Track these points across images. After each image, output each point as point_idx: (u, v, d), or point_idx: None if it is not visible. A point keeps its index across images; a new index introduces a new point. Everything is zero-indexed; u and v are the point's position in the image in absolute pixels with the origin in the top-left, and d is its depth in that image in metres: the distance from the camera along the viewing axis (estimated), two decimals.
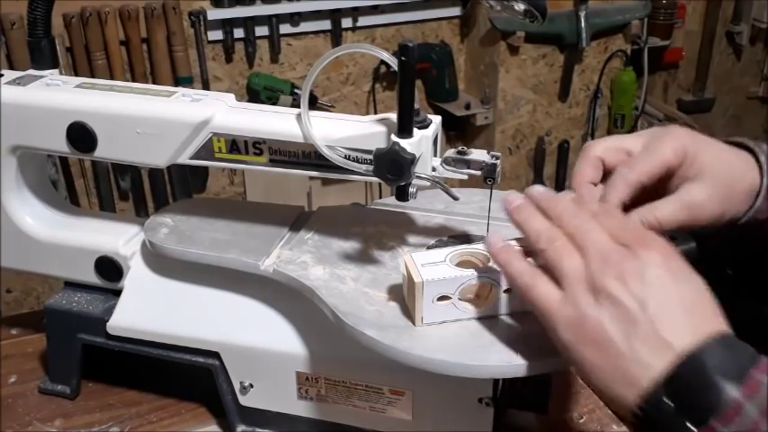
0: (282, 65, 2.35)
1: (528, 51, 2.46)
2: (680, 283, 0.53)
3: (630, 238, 0.55)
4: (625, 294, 0.52)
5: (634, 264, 0.53)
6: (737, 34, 2.89)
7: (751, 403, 0.48)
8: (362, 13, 2.36)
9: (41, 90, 0.77)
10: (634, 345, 0.51)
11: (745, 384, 0.49)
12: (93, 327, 0.82)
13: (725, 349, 0.50)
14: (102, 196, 2.20)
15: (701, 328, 0.51)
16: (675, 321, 0.51)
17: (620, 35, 2.56)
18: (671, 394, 0.50)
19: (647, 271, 0.53)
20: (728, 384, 0.49)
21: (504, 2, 0.70)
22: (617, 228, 0.57)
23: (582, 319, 0.53)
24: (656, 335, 0.51)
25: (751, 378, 0.49)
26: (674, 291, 0.52)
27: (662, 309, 0.52)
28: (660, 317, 0.51)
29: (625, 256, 0.54)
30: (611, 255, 0.54)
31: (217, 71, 2.28)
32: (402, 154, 0.64)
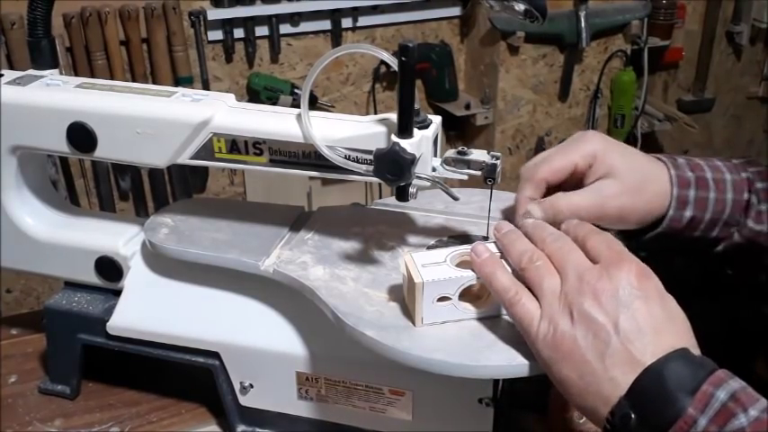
0: (282, 65, 2.35)
1: (528, 51, 2.46)
2: (651, 302, 0.55)
3: (606, 258, 0.58)
4: (599, 312, 0.55)
5: (608, 283, 0.55)
6: (737, 34, 2.89)
7: (703, 416, 0.50)
8: (362, 13, 2.36)
9: (41, 90, 0.77)
10: (606, 362, 0.54)
11: (697, 397, 0.50)
12: (93, 327, 0.82)
13: (685, 364, 0.52)
14: (103, 196, 2.20)
15: (668, 345, 0.53)
16: (645, 340, 0.54)
17: (620, 35, 2.56)
18: (634, 407, 0.52)
19: (621, 290, 0.55)
20: (682, 396, 0.51)
21: (504, 2, 0.70)
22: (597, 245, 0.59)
23: (559, 336, 0.56)
24: (627, 353, 0.53)
25: (703, 392, 0.50)
26: (644, 310, 0.54)
27: (633, 327, 0.54)
28: (630, 336, 0.54)
29: (600, 275, 0.56)
30: (587, 274, 0.57)
31: (217, 71, 2.28)
32: (402, 154, 0.64)
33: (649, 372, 0.52)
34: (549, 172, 0.71)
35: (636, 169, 0.71)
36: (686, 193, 0.72)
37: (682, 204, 0.72)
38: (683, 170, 0.73)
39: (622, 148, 0.72)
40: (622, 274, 0.56)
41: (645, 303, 0.55)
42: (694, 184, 0.72)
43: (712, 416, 0.50)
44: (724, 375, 0.52)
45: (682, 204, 0.72)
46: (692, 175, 0.73)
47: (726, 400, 0.50)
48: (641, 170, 0.72)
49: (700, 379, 0.51)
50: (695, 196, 0.72)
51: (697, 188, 0.72)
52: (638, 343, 0.53)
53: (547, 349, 0.56)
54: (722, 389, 0.50)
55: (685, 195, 0.72)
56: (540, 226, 0.64)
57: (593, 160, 0.70)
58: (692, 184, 0.72)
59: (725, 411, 0.49)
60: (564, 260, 0.59)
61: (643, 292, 0.55)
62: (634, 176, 0.70)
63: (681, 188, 0.72)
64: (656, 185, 0.72)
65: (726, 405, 0.50)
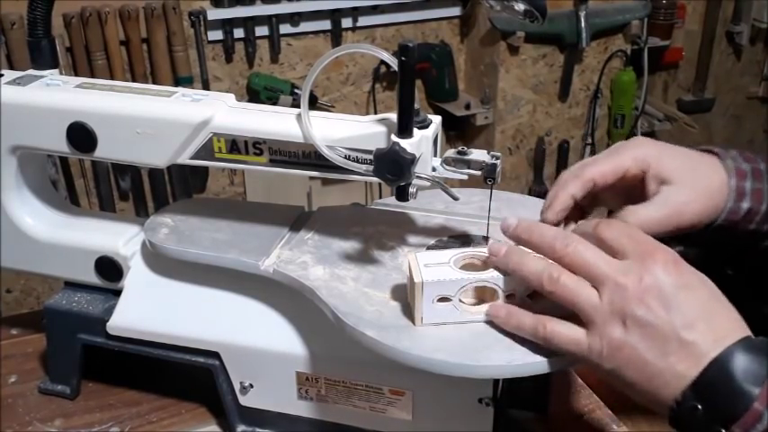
0: (282, 65, 2.35)
1: (528, 51, 2.46)
2: (695, 289, 0.55)
3: (634, 251, 0.57)
4: (651, 315, 0.54)
5: (649, 280, 0.55)
6: (737, 34, 2.89)
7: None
8: (362, 13, 2.36)
9: (41, 90, 0.77)
10: (670, 360, 0.54)
11: (765, 390, 0.51)
12: (93, 327, 0.82)
13: (749, 353, 0.52)
14: (102, 196, 2.20)
15: (725, 332, 0.54)
16: (700, 328, 0.54)
17: (620, 35, 2.56)
18: (700, 399, 0.52)
19: (663, 286, 0.55)
20: (749, 388, 0.51)
21: (504, 2, 0.70)
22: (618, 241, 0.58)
23: (615, 347, 0.56)
24: (687, 346, 0.54)
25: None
26: (692, 299, 0.55)
27: (686, 321, 0.54)
28: (686, 329, 0.54)
29: (638, 275, 0.55)
30: (623, 277, 0.56)
31: (217, 71, 2.28)
32: (402, 154, 0.64)
33: (716, 364, 0.52)
34: (598, 173, 0.68)
35: (696, 170, 0.68)
36: (743, 185, 0.69)
37: (739, 196, 0.69)
38: (738, 161, 0.70)
39: (674, 150, 0.69)
40: (658, 267, 0.55)
41: (690, 292, 0.55)
42: (750, 174, 0.70)
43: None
44: None
45: (739, 196, 0.69)
46: (747, 166, 0.70)
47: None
48: (700, 169, 0.69)
49: (766, 370, 0.51)
50: (752, 187, 0.69)
51: (753, 179, 0.70)
52: (696, 334, 0.53)
53: (608, 363, 0.56)
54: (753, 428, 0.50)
55: (742, 186, 0.69)
56: (535, 230, 0.62)
57: (647, 166, 0.67)
58: (749, 174, 0.70)
59: None
60: (589, 266, 0.58)
61: (684, 281, 0.55)
62: (697, 178, 0.68)
63: (738, 179, 0.69)
64: (714, 181, 0.69)
65: None
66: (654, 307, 0.54)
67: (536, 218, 0.79)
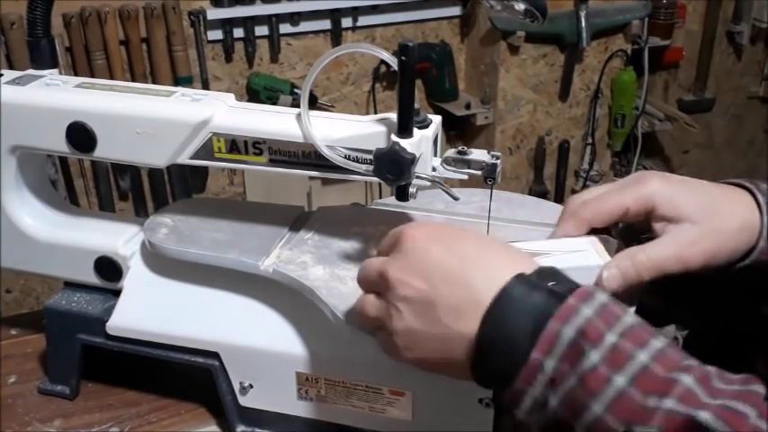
0: (282, 65, 2.35)
1: (528, 51, 2.46)
2: (443, 244, 0.55)
3: (385, 247, 0.60)
4: (409, 290, 0.55)
5: (398, 260, 0.56)
6: (738, 34, 2.89)
7: (549, 357, 0.49)
8: (362, 12, 2.36)
9: (41, 90, 0.77)
10: (445, 324, 0.53)
11: (542, 338, 0.49)
12: (93, 327, 0.82)
13: (523, 300, 0.51)
14: (102, 196, 2.20)
15: (489, 279, 0.52)
16: (463, 284, 0.53)
17: (620, 35, 2.56)
18: (482, 357, 0.52)
19: (411, 258, 0.55)
20: (524, 342, 0.50)
21: (505, 2, 0.70)
22: (385, 240, 0.61)
23: (405, 335, 0.56)
24: (454, 308, 0.53)
25: (548, 331, 0.49)
26: (446, 257, 0.55)
27: (445, 280, 0.54)
28: (448, 288, 0.53)
29: (390, 260, 0.57)
30: (382, 270, 0.57)
31: (216, 71, 2.28)
32: (402, 154, 0.64)
33: (489, 320, 0.51)
34: (596, 213, 0.66)
35: (709, 206, 0.64)
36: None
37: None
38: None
39: (688, 186, 0.65)
40: (405, 243, 0.56)
41: (440, 249, 0.55)
42: None
43: (561, 356, 0.48)
44: (574, 302, 0.49)
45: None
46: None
47: (573, 336, 0.48)
48: (716, 205, 0.64)
49: (543, 316, 0.50)
50: None
51: None
52: (458, 291, 0.53)
53: (408, 355, 0.57)
54: (569, 323, 0.49)
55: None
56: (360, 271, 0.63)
57: (651, 204, 0.64)
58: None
59: (574, 349, 0.48)
60: (367, 280, 0.60)
61: (430, 244, 0.55)
62: (710, 215, 0.64)
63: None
64: (736, 221, 0.64)
65: (574, 343, 0.48)
66: (410, 281, 0.55)
67: (536, 217, 0.79)
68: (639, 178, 0.66)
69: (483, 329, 0.51)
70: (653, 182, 0.65)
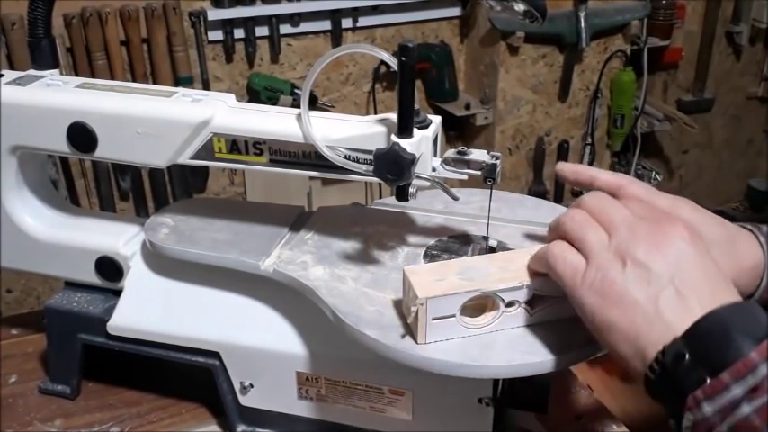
0: (282, 65, 2.35)
1: (528, 51, 2.46)
2: (705, 259, 0.55)
3: (654, 215, 0.58)
4: (654, 262, 0.54)
5: (662, 236, 0.55)
6: (737, 34, 2.89)
7: (765, 363, 0.48)
8: (362, 13, 2.36)
9: (42, 90, 0.77)
10: (659, 305, 0.53)
11: (763, 345, 0.48)
12: (94, 327, 0.83)
13: (745, 313, 0.51)
14: (103, 196, 2.20)
15: (724, 297, 0.52)
16: (700, 289, 0.53)
17: (619, 35, 2.56)
18: (690, 346, 0.51)
19: (675, 243, 0.55)
20: (745, 341, 0.49)
21: (504, 2, 0.70)
22: (641, 209, 0.59)
23: (609, 282, 0.55)
24: (682, 301, 0.52)
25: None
26: (699, 262, 0.54)
27: (688, 276, 0.53)
28: (686, 284, 0.53)
29: (653, 229, 0.56)
30: (638, 227, 0.56)
31: (217, 71, 2.28)
32: (402, 154, 0.64)
33: (712, 315, 0.51)
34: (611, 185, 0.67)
35: (732, 241, 0.66)
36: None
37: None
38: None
39: (715, 219, 0.67)
40: (675, 230, 0.55)
41: (700, 259, 0.54)
42: None
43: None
44: None
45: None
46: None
47: (740, 390, 0.48)
48: (736, 242, 0.66)
49: (764, 329, 0.50)
50: None
51: None
52: (694, 291, 0.53)
53: (593, 295, 0.55)
54: (742, 379, 0.48)
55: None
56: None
57: None
58: None
59: None
60: (609, 215, 0.58)
61: (697, 249, 0.55)
62: (731, 248, 0.65)
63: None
64: (751, 259, 0.66)
65: None
66: (657, 256, 0.54)
67: (535, 218, 0.79)
68: (675, 200, 0.67)
69: (706, 319, 0.51)
70: (688, 205, 0.66)
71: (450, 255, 0.74)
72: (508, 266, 0.64)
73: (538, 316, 0.64)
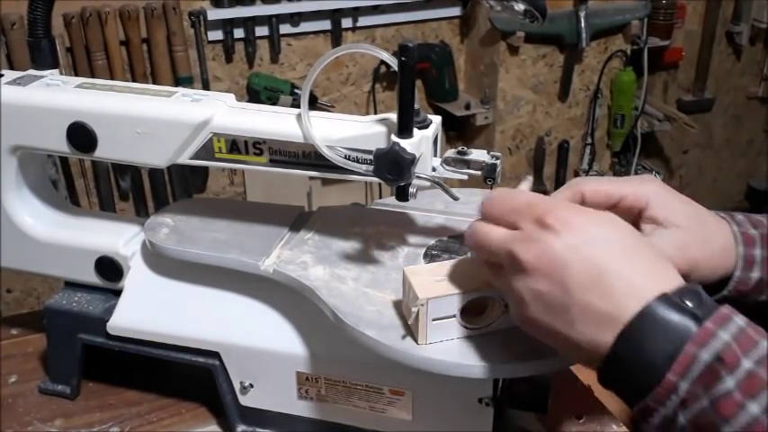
0: (282, 65, 2.35)
1: (528, 51, 2.46)
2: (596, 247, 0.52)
3: (509, 216, 0.56)
4: (538, 285, 0.52)
5: (528, 248, 0.53)
6: (737, 34, 2.89)
7: (684, 380, 0.48)
8: (362, 13, 2.36)
9: (41, 90, 0.77)
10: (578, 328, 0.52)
11: (678, 361, 0.48)
12: (94, 327, 0.82)
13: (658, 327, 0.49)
14: (103, 196, 2.20)
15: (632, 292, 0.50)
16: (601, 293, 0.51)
17: (619, 35, 2.56)
18: (614, 371, 0.51)
19: (546, 249, 0.52)
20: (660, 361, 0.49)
21: (504, 2, 0.70)
22: (502, 214, 0.57)
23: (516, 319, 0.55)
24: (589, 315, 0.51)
25: (684, 354, 0.48)
26: (584, 257, 0.52)
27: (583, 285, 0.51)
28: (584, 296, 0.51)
29: (516, 241, 0.54)
30: (505, 249, 0.55)
31: (217, 71, 2.28)
32: (402, 154, 0.64)
33: (627, 337, 0.50)
34: (591, 189, 0.65)
35: (700, 220, 0.65)
36: (753, 252, 0.65)
37: (749, 264, 0.65)
38: (746, 226, 0.66)
39: (682, 198, 0.66)
40: (548, 230, 0.53)
41: (585, 250, 0.51)
42: (760, 241, 0.65)
43: (695, 378, 0.48)
44: (712, 326, 0.48)
45: (749, 264, 0.65)
46: (756, 233, 0.66)
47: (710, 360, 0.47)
48: (705, 222, 0.65)
49: (681, 339, 0.48)
50: (762, 255, 0.65)
51: (763, 246, 0.65)
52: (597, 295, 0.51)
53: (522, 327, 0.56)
54: (706, 348, 0.48)
55: (752, 255, 0.65)
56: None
57: (644, 204, 0.64)
58: (758, 241, 0.65)
59: (709, 373, 0.47)
60: (484, 246, 0.57)
61: (574, 239, 0.52)
62: (699, 228, 0.64)
63: (747, 246, 0.65)
64: (721, 241, 0.65)
65: (710, 367, 0.47)
66: (546, 275, 0.52)
67: None
68: (640, 178, 0.67)
69: (619, 345, 0.50)
70: (653, 183, 0.66)
71: (450, 255, 0.74)
72: None
73: None
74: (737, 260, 0.65)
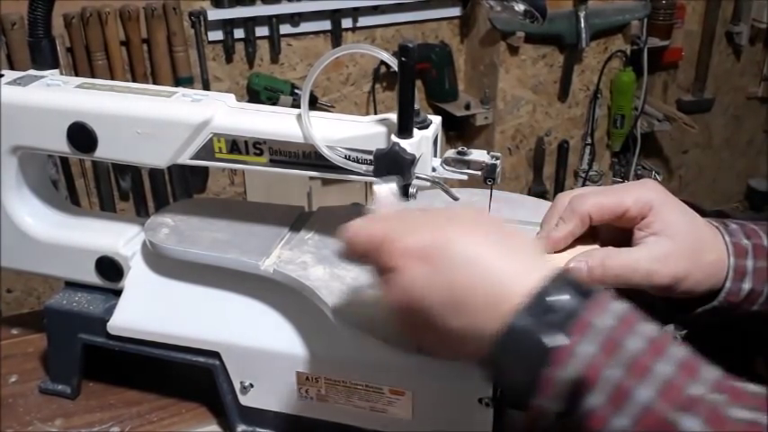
0: (283, 65, 2.35)
1: (528, 52, 2.46)
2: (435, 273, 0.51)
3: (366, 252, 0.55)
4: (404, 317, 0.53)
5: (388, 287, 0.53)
6: (737, 34, 2.89)
7: (551, 400, 0.47)
8: (362, 13, 2.36)
9: (42, 90, 0.77)
10: (449, 346, 0.52)
11: (540, 388, 0.48)
12: (94, 327, 0.83)
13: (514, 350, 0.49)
14: (103, 196, 2.20)
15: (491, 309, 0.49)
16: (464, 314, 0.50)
17: (619, 35, 2.56)
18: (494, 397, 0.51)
19: (398, 285, 0.52)
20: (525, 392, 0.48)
21: (504, 2, 0.70)
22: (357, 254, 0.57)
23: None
24: (456, 336, 0.51)
25: (544, 379, 0.48)
26: (434, 285, 0.51)
27: (442, 310, 0.51)
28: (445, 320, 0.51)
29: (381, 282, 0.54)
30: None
31: (217, 71, 2.28)
32: (402, 154, 0.64)
33: (489, 363, 0.50)
34: (596, 207, 0.64)
35: (694, 233, 0.64)
36: (744, 263, 0.64)
37: (739, 275, 0.64)
38: (738, 237, 0.65)
39: (682, 207, 0.65)
40: (393, 268, 0.52)
41: (434, 280, 0.50)
42: (752, 252, 0.64)
43: (560, 398, 0.47)
44: (572, 342, 0.47)
45: (739, 275, 0.64)
46: (748, 243, 0.65)
47: (571, 380, 0.47)
48: (699, 234, 0.64)
49: (538, 364, 0.47)
50: (753, 266, 0.64)
51: (755, 257, 0.64)
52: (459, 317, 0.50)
53: None
54: (566, 368, 0.47)
55: (743, 266, 0.64)
56: None
57: (648, 211, 0.63)
58: (750, 252, 0.64)
59: (572, 392, 0.46)
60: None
61: (419, 269, 0.51)
62: (691, 240, 0.63)
63: (738, 257, 0.64)
64: (712, 254, 0.64)
65: (572, 385, 0.47)
66: (411, 314, 0.52)
67: (535, 218, 0.79)
68: (639, 183, 0.66)
69: (487, 370, 0.51)
70: (653, 189, 0.65)
71: None
72: None
73: None
74: (728, 271, 0.64)
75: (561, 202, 0.68)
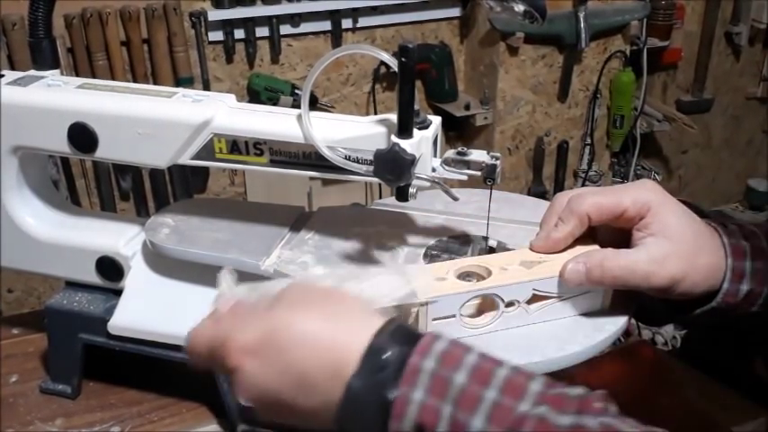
0: (283, 65, 2.35)
1: (527, 52, 2.46)
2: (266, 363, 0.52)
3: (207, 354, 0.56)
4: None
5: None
6: (736, 35, 2.89)
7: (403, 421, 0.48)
8: (362, 13, 2.36)
9: (42, 91, 0.77)
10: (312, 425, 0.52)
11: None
12: (94, 326, 0.83)
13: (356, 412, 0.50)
14: (103, 196, 2.20)
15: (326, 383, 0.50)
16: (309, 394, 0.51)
17: (619, 36, 2.56)
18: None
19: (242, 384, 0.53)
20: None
21: (504, 3, 0.71)
22: None
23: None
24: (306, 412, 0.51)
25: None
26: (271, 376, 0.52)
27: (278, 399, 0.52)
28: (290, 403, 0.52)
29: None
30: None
31: (217, 72, 2.28)
32: (402, 155, 0.64)
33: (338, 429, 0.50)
34: (595, 208, 0.64)
35: (692, 234, 0.64)
36: (742, 265, 0.64)
37: (737, 277, 0.64)
38: (737, 238, 0.65)
39: (680, 208, 0.65)
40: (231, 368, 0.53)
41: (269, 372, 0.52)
42: (750, 254, 0.64)
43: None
44: (405, 391, 0.48)
45: (737, 277, 0.64)
46: (746, 244, 0.65)
47: (412, 425, 0.47)
48: (697, 236, 0.64)
49: (380, 421, 0.48)
50: (752, 268, 0.64)
51: (753, 259, 0.64)
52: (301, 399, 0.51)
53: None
54: (405, 420, 0.47)
55: (741, 267, 0.64)
56: None
57: (646, 212, 0.63)
58: (748, 254, 0.64)
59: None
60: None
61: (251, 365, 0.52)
62: (689, 242, 0.63)
63: (736, 259, 0.64)
64: (709, 256, 0.64)
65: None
66: (265, 405, 0.53)
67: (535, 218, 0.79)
68: (638, 183, 0.66)
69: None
70: (652, 189, 0.65)
71: (450, 255, 0.74)
72: (508, 267, 0.65)
73: (537, 316, 0.64)
74: (726, 272, 0.64)
75: (559, 202, 0.68)
